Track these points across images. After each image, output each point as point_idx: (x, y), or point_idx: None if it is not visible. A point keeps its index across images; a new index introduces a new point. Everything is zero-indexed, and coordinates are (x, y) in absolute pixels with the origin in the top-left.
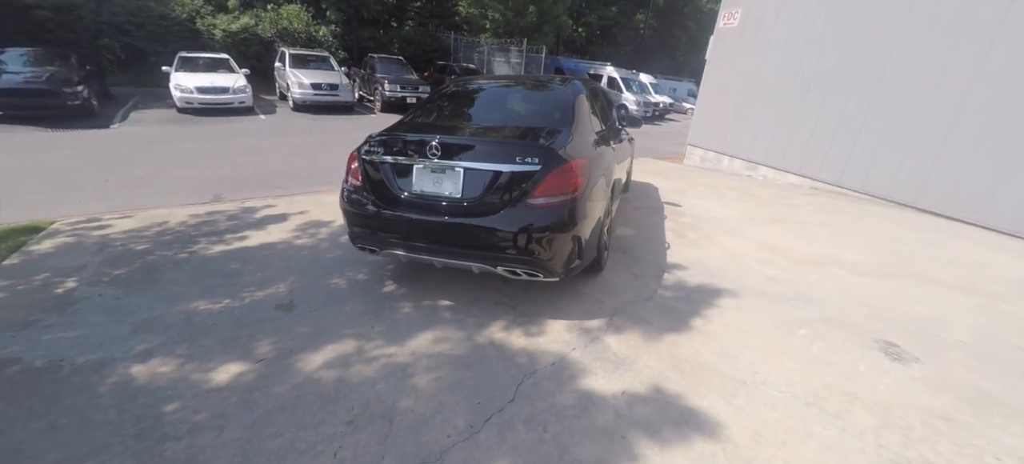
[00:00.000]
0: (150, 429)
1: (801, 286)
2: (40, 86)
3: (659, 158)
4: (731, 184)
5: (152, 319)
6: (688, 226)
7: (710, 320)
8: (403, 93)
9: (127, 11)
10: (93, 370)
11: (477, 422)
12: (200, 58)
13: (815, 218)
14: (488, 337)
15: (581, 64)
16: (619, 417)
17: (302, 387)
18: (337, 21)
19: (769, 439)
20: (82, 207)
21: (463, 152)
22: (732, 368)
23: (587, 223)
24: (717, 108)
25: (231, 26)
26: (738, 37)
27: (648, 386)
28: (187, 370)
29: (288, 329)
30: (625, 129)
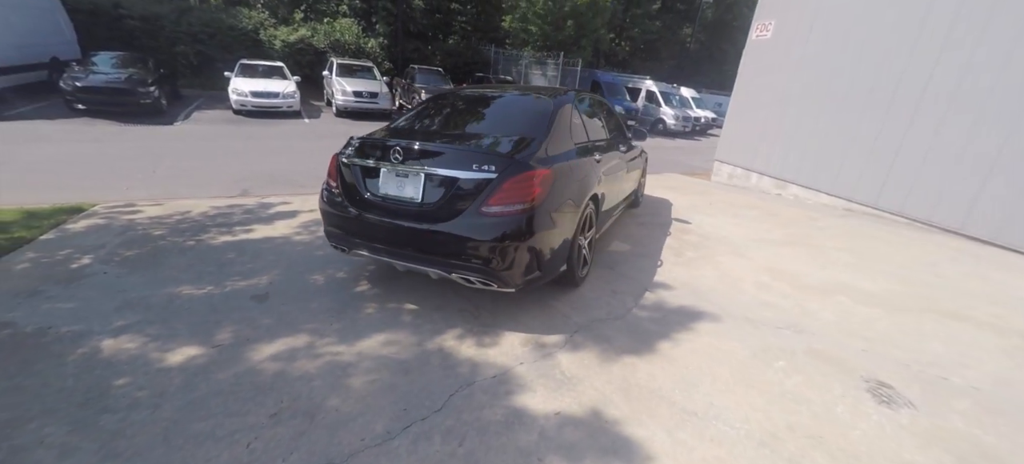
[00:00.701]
0: (95, 400)
1: (796, 314)
2: (119, 85)
3: (688, 173)
4: (753, 202)
5: (139, 299)
6: (691, 244)
7: (679, 344)
8: None
9: (202, 22)
10: (70, 340)
11: (395, 429)
12: (258, 65)
13: (837, 241)
14: (439, 344)
15: (619, 78)
16: (543, 438)
17: (243, 376)
18: (385, 34)
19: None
20: (127, 193)
21: (424, 158)
22: (687, 397)
23: (550, 235)
24: (746, 123)
25: (289, 37)
26: (770, 50)
27: (587, 409)
28: (148, 348)
29: (253, 319)
30: (634, 143)
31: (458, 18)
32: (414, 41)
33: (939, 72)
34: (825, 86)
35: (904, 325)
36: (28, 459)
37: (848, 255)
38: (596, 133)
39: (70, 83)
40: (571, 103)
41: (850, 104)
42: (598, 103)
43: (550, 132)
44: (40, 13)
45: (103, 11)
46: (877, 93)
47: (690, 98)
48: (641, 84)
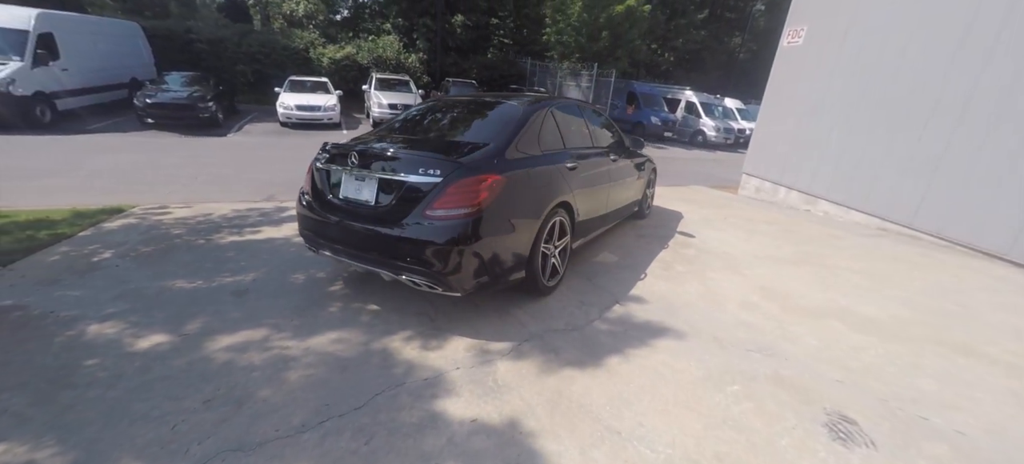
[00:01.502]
0: (63, 377)
1: (774, 337)
2: (182, 101)
3: (715, 186)
4: (773, 218)
5: (135, 290)
6: (685, 258)
7: (630, 360)
8: None
9: (259, 43)
10: (65, 323)
11: (311, 422)
12: (306, 81)
13: (853, 262)
14: (385, 344)
15: (657, 88)
16: (450, 444)
17: (195, 363)
18: (425, 49)
19: None
20: (168, 196)
21: (378, 162)
22: (615, 415)
23: (501, 241)
24: (776, 135)
25: (336, 55)
26: (802, 57)
27: (505, 419)
28: (124, 334)
29: (225, 312)
30: (639, 153)
31: (497, 32)
32: (453, 55)
33: (985, 81)
34: (859, 96)
35: (897, 356)
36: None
37: (861, 277)
38: (577, 141)
39: (141, 100)
40: (547, 110)
41: (886, 115)
42: (585, 111)
43: (513, 138)
44: (123, 39)
45: (177, 36)
46: (915, 103)
47: (735, 109)
48: (680, 95)
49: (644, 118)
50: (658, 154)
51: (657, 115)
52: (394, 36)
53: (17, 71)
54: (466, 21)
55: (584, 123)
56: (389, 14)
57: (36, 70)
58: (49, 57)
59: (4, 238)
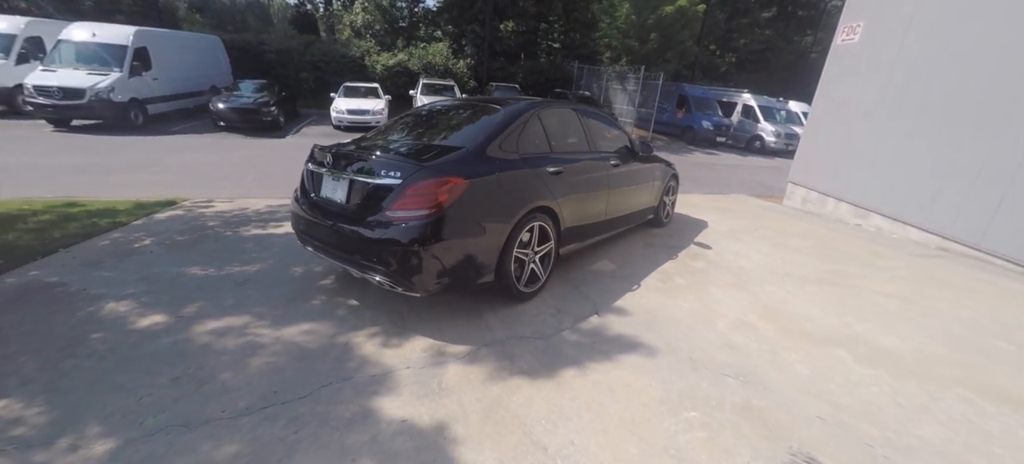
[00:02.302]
0: (70, 347)
1: (759, 363)
2: (247, 106)
3: (760, 196)
4: (811, 231)
5: (156, 274)
6: (690, 271)
7: (586, 374)
8: None
9: (321, 52)
10: (89, 300)
11: (254, 407)
12: (359, 87)
13: (890, 286)
14: (348, 339)
15: (711, 91)
16: (372, 442)
17: (178, 343)
18: (472, 54)
19: None
20: (220, 192)
21: (349, 164)
22: (548, 431)
23: (461, 243)
24: (825, 140)
25: (388, 62)
26: (857, 55)
27: (435, 422)
28: (132, 312)
29: (221, 299)
30: (655, 159)
31: (546, 37)
32: (500, 60)
33: None
34: (921, 97)
35: (907, 396)
36: (1, 383)
37: (893, 302)
38: (568, 145)
39: (214, 105)
40: (532, 114)
41: (951, 120)
42: (584, 115)
43: (486, 142)
44: (206, 51)
45: (251, 47)
46: (987, 106)
47: (800, 113)
48: (737, 98)
49: (694, 122)
50: (706, 160)
51: (709, 119)
52: (445, 43)
53: (116, 80)
54: (515, 27)
55: (580, 127)
56: (441, 22)
57: (132, 79)
58: (143, 68)
59: (73, 224)
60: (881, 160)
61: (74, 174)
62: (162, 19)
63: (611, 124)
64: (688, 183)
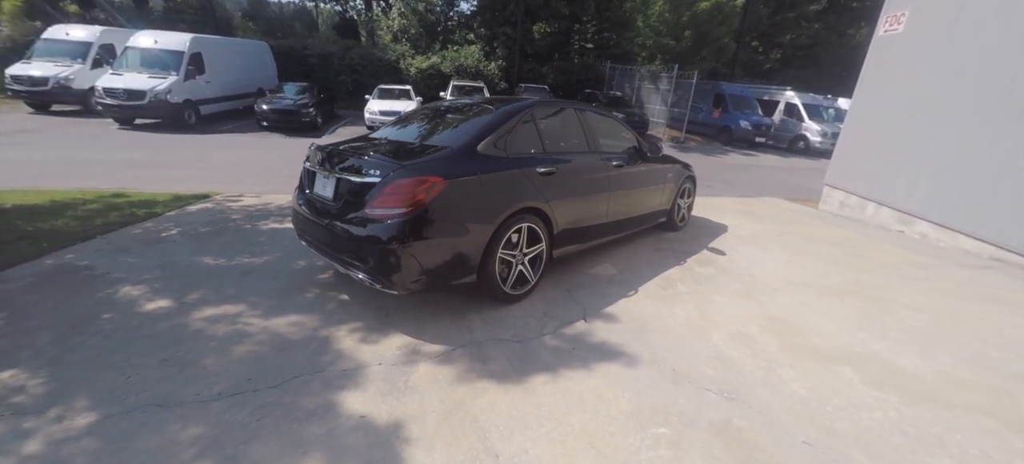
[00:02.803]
0: (82, 325)
1: (750, 379)
2: (287, 107)
3: (795, 199)
4: (844, 239)
5: (173, 262)
6: (696, 278)
7: (557, 381)
8: None
9: (359, 56)
10: (110, 283)
11: (227, 392)
12: (393, 89)
13: (923, 299)
14: (330, 332)
15: (750, 89)
16: (328, 436)
17: (175, 328)
18: (504, 56)
19: None
20: (252, 188)
21: (339, 163)
22: (504, 438)
23: (439, 243)
24: (866, 139)
25: (422, 65)
26: (902, 47)
27: (392, 421)
28: (143, 296)
29: (224, 288)
30: (668, 160)
31: (577, 38)
32: (531, 62)
33: None
34: (973, 92)
35: (917, 424)
36: (12, 357)
37: (924, 319)
38: (565, 145)
39: (258, 106)
40: (524, 114)
41: (1007, 116)
42: (584, 115)
43: (471, 142)
44: (254, 55)
45: (295, 52)
46: None
47: None
48: (779, 96)
49: (732, 122)
50: (742, 162)
51: (747, 119)
52: (477, 46)
53: (173, 83)
54: (547, 28)
55: (580, 127)
56: (474, 25)
57: (186, 82)
58: (197, 72)
59: (115, 214)
60: (928, 161)
61: (129, 168)
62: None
63: (618, 124)
64: (718, 186)
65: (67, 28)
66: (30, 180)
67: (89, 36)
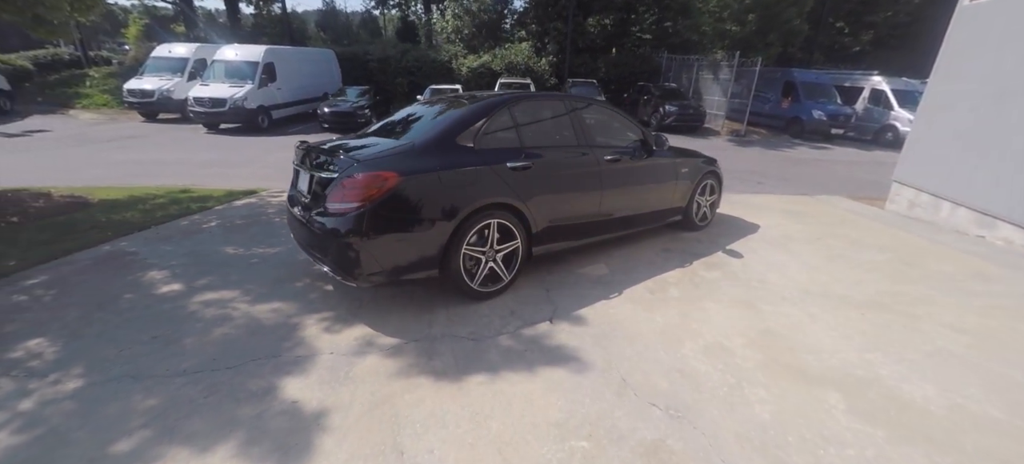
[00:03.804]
0: (106, 304)
1: (709, 397)
2: (345, 110)
3: (859, 198)
4: (896, 243)
5: (200, 250)
6: (695, 282)
7: (494, 383)
8: None
9: (415, 59)
10: (143, 267)
11: (190, 370)
12: (444, 88)
13: (971, 319)
14: (301, 320)
15: (826, 76)
16: (256, 418)
17: (175, 309)
18: (554, 52)
19: None
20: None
21: (312, 160)
22: (417, 435)
23: (395, 238)
24: (943, 128)
25: (473, 64)
26: (990, 17)
27: (318, 409)
28: (163, 280)
29: (229, 275)
30: (685, 155)
31: (633, 29)
32: (583, 56)
33: None
34: None
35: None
36: (45, 327)
37: (962, 342)
38: (545, 140)
39: (321, 110)
40: (501, 108)
41: None
42: (576, 108)
43: (435, 137)
44: (321, 63)
45: (357, 58)
46: None
47: None
48: (863, 82)
49: (803, 112)
50: (810, 156)
51: (821, 108)
52: (528, 43)
53: (248, 91)
54: (601, 21)
55: (569, 121)
56: (526, 21)
57: (260, 90)
58: (269, 80)
59: (174, 208)
60: (1016, 153)
61: (204, 167)
62: (293, 38)
63: (620, 118)
64: (772, 183)
65: (170, 46)
66: (125, 178)
67: (187, 53)
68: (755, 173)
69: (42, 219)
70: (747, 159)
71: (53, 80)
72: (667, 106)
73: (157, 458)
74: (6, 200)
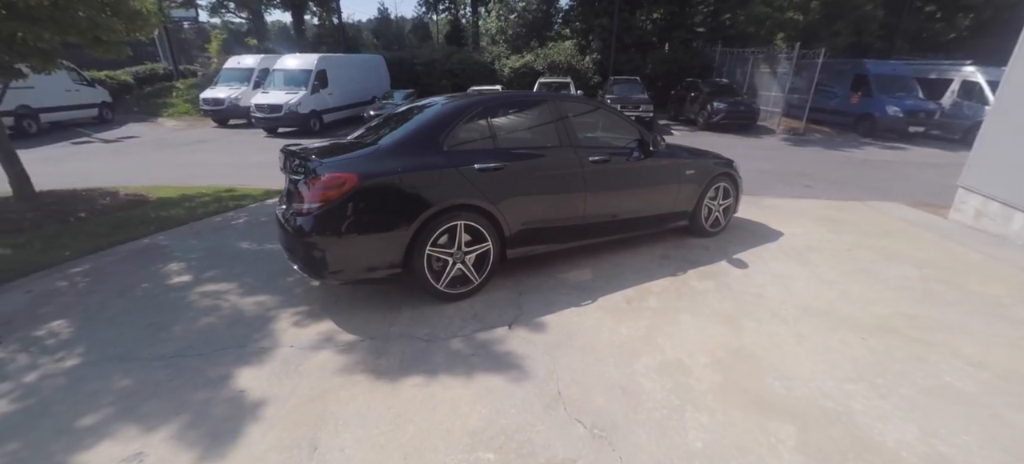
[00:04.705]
0: (126, 290)
1: (644, 420)
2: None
3: (923, 205)
4: (941, 258)
5: (218, 245)
6: (680, 293)
7: (429, 385)
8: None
9: (459, 61)
10: (167, 258)
11: (167, 354)
12: (485, 89)
13: (997, 353)
14: (279, 313)
15: (907, 67)
16: (204, 403)
17: (179, 298)
18: (598, 49)
19: None
20: None
21: (289, 163)
22: (335, 433)
23: (354, 238)
24: (1019, 128)
25: (515, 64)
26: None
27: (259, 400)
28: (177, 271)
29: (234, 269)
30: (691, 154)
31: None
32: (628, 52)
33: None
34: None
35: None
36: (70, 310)
37: (974, 379)
38: (522, 141)
39: (367, 112)
40: (475, 110)
41: None
42: (560, 108)
43: (400, 140)
44: (371, 68)
45: (405, 62)
46: None
47: None
48: (952, 73)
49: (876, 108)
50: (879, 157)
51: (898, 103)
52: (572, 41)
53: (302, 97)
54: (649, 15)
55: (552, 123)
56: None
57: (313, 96)
58: (321, 86)
59: (214, 205)
60: None
61: (256, 168)
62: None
63: (617, 119)
64: (822, 186)
65: (239, 58)
66: (185, 178)
67: (253, 63)
68: (805, 175)
69: (105, 215)
70: (799, 160)
71: (148, 92)
72: (715, 103)
73: (109, 434)
74: (79, 198)
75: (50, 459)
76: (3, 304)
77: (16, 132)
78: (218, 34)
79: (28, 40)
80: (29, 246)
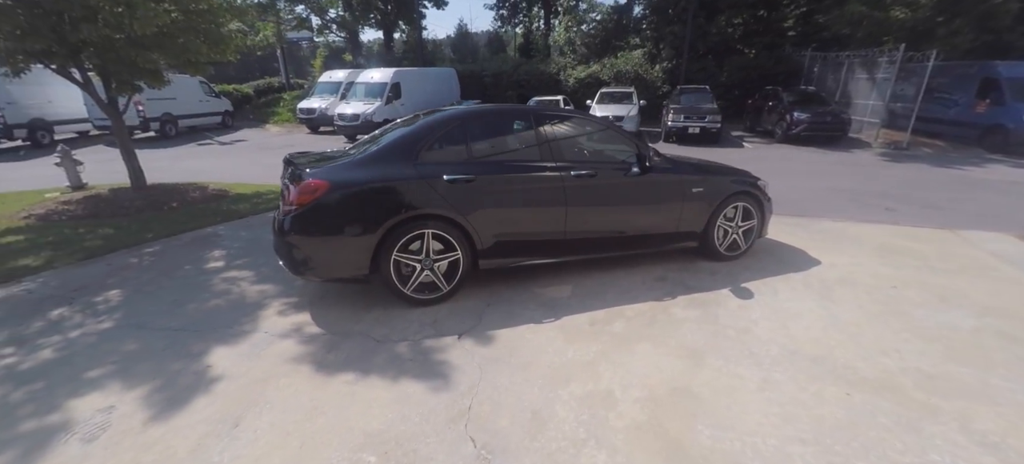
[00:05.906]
0: (171, 271)
1: (538, 450)
2: None
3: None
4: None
5: (256, 238)
6: (657, 321)
7: (356, 384)
8: (685, 123)
9: (525, 72)
10: (214, 247)
11: (173, 327)
12: (547, 100)
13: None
14: (272, 302)
15: None
16: (176, 373)
17: (207, 280)
18: (669, 57)
19: None
20: None
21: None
22: (257, 415)
23: (324, 240)
24: None
25: (581, 74)
26: None
27: (216, 376)
28: (216, 257)
29: (259, 257)
30: (701, 170)
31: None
32: (705, 60)
33: None
34: None
35: None
36: (127, 283)
37: (996, 429)
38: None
39: None
40: (455, 123)
41: None
42: (545, 122)
43: (377, 152)
44: (442, 80)
45: (474, 74)
46: None
47: None
48: None
49: (1008, 118)
50: (1003, 177)
51: None
52: (641, 50)
53: (376, 108)
54: (730, 20)
55: (533, 137)
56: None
57: (386, 106)
58: (395, 97)
59: (275, 200)
60: None
61: None
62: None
63: (610, 132)
64: (910, 209)
65: (332, 73)
66: (267, 177)
67: (342, 77)
68: (891, 196)
69: (190, 206)
70: (890, 178)
71: (262, 102)
72: (796, 113)
73: (100, 387)
74: (177, 191)
75: (54, 399)
76: (88, 272)
77: (161, 134)
78: (322, 51)
79: (139, 62)
80: (127, 228)
